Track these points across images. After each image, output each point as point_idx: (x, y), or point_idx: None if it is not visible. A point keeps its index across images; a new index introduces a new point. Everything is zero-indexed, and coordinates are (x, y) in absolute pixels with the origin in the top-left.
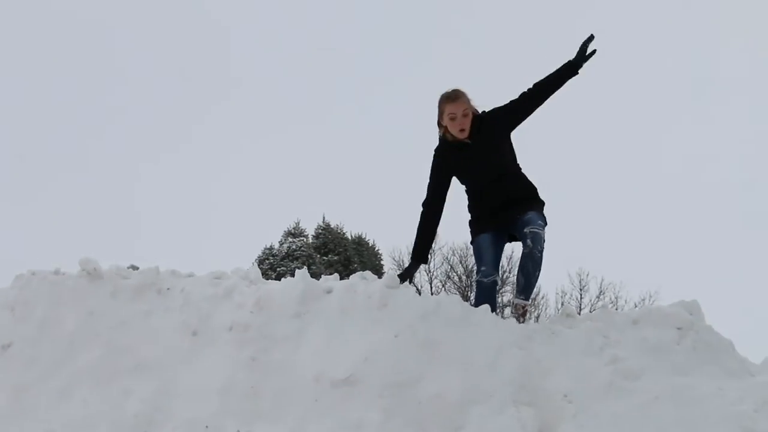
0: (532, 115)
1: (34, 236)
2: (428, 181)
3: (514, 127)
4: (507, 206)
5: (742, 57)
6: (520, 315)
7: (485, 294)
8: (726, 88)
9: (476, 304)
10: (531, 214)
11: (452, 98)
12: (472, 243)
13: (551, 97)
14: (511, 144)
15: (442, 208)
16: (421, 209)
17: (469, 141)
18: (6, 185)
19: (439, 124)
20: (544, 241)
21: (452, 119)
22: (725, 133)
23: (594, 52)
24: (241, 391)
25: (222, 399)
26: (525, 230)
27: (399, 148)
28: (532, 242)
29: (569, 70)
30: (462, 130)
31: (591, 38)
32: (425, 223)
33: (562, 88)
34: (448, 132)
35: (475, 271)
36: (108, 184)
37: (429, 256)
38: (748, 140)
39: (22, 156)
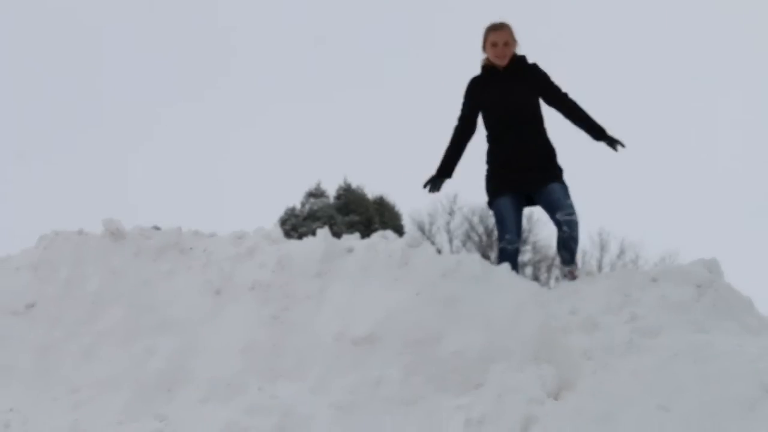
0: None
1: (58, 198)
2: (460, 109)
3: (539, 97)
4: (526, 165)
5: None
6: (573, 278)
7: (509, 260)
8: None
9: None
10: (556, 191)
11: (497, 27)
12: (490, 205)
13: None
14: (539, 105)
15: (473, 130)
16: (455, 125)
17: (503, 69)
18: (28, 146)
19: (483, 51)
20: (577, 221)
21: (494, 46)
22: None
23: (620, 145)
24: (262, 350)
25: (244, 357)
26: (558, 216)
27: (422, 108)
28: (569, 229)
29: (594, 133)
30: (502, 57)
31: (619, 145)
32: (455, 139)
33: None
34: (488, 60)
35: (496, 234)
36: (130, 145)
37: (453, 172)
38: None
39: (44, 117)
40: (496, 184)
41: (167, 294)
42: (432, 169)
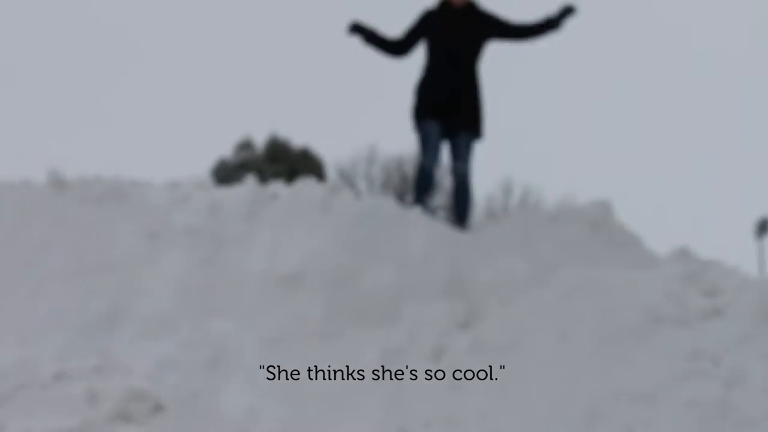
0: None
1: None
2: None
3: (487, 40)
4: (456, 104)
5: None
6: None
7: (426, 179)
8: None
9: (416, 188)
10: (465, 141)
11: None
12: (416, 127)
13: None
14: (481, 55)
15: (405, 51)
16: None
17: (457, 9)
18: None
19: None
20: (469, 173)
21: None
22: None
23: (572, 11)
24: (195, 289)
25: (178, 297)
26: (455, 164)
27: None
28: (457, 177)
29: (550, 27)
30: None
31: (569, 14)
32: (387, 38)
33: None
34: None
35: (418, 156)
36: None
37: (362, 32)
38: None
39: None
40: (426, 108)
41: (107, 239)
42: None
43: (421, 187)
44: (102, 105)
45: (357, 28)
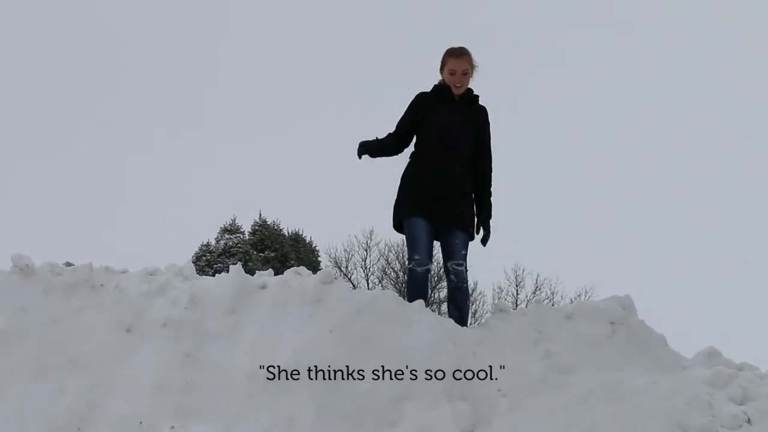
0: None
1: None
2: (402, 116)
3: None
4: (446, 198)
5: None
6: None
7: (418, 283)
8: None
9: (409, 292)
10: (459, 239)
11: (456, 54)
12: (399, 226)
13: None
14: (473, 147)
15: (407, 144)
16: (390, 134)
17: (457, 99)
18: None
19: (440, 73)
20: (466, 272)
21: (451, 74)
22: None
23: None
24: (175, 388)
25: (156, 395)
26: (449, 264)
27: (336, 146)
28: (456, 278)
29: (482, 216)
30: (458, 87)
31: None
32: (388, 143)
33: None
34: (444, 83)
35: (407, 259)
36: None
37: (369, 151)
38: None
39: None
40: (412, 205)
41: (77, 331)
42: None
43: (415, 292)
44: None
45: (364, 150)
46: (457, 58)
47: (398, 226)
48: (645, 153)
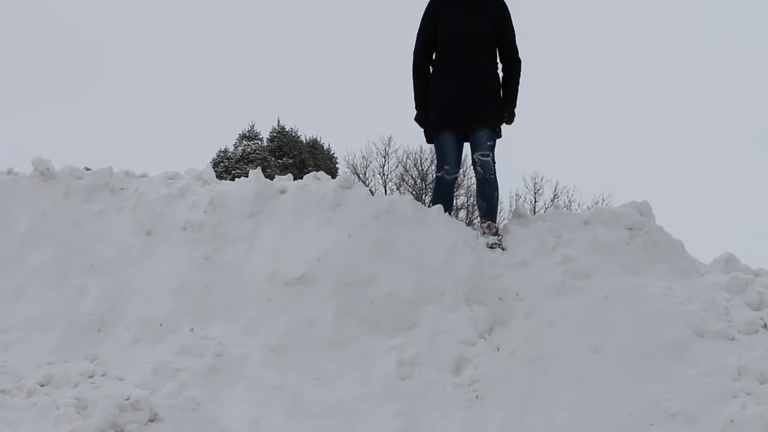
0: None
1: None
2: (418, 29)
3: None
4: (471, 101)
5: None
6: (493, 234)
7: (445, 190)
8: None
9: (434, 199)
10: (484, 133)
11: None
12: (431, 139)
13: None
14: (495, 40)
15: (431, 60)
16: (412, 59)
17: None
18: None
19: None
20: (494, 164)
21: None
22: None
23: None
24: (194, 290)
25: (176, 298)
26: (474, 156)
27: (355, 51)
28: (482, 169)
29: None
30: None
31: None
32: (419, 75)
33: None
34: None
35: (435, 168)
36: (60, 83)
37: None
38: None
39: None
40: (439, 122)
41: (98, 234)
42: (410, 108)
43: (440, 200)
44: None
45: (425, 124)
46: None
47: (430, 140)
48: (666, 60)
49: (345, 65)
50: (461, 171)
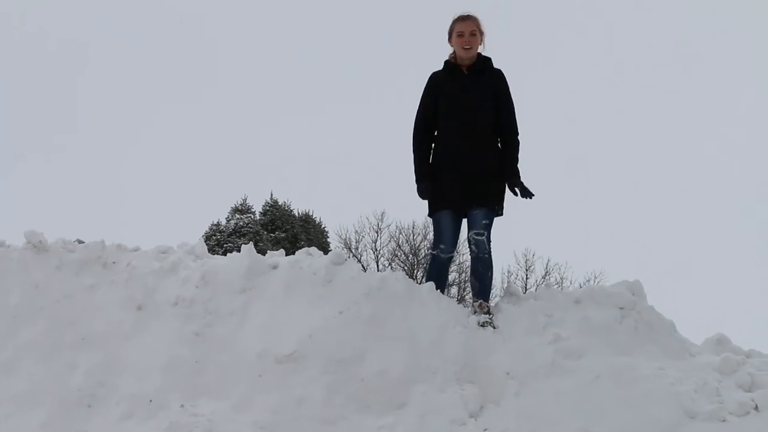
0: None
1: None
2: (419, 105)
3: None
4: (471, 179)
5: None
6: (485, 313)
7: (440, 268)
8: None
9: (428, 277)
10: (482, 213)
11: (463, 18)
12: (430, 214)
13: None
14: (494, 115)
15: (432, 135)
16: (413, 139)
17: (466, 70)
18: None
19: (449, 42)
20: (488, 243)
21: (460, 36)
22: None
23: (524, 195)
24: (185, 366)
25: (166, 374)
26: (470, 234)
27: (349, 128)
28: (477, 248)
29: (509, 177)
30: (467, 48)
31: (527, 195)
32: (419, 149)
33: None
34: (454, 56)
35: (431, 245)
36: (55, 158)
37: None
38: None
39: None
40: (438, 198)
41: (89, 309)
42: (410, 182)
43: (435, 278)
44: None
45: (423, 187)
46: (464, 21)
47: (430, 215)
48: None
49: (339, 139)
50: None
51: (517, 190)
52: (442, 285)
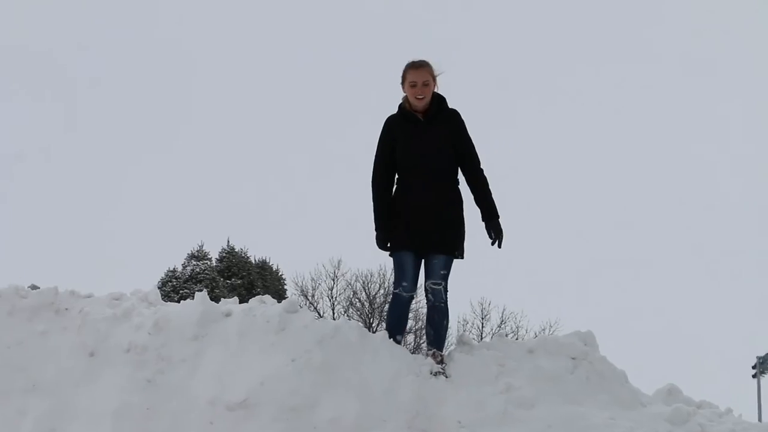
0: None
1: None
2: (376, 150)
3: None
4: (431, 224)
5: None
6: (438, 362)
7: (401, 307)
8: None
9: (390, 315)
10: (441, 261)
11: (416, 66)
12: (390, 253)
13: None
14: (453, 158)
15: (392, 181)
16: (372, 187)
17: (422, 119)
18: None
19: (402, 88)
20: (445, 293)
21: (412, 86)
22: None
23: (495, 240)
24: (136, 413)
25: (117, 420)
26: (426, 284)
27: (304, 175)
28: (433, 297)
29: (488, 217)
30: (420, 99)
31: (497, 242)
32: (379, 198)
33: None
34: (407, 101)
35: (393, 283)
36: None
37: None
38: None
39: None
40: (400, 239)
41: (41, 355)
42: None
43: (395, 317)
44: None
45: (382, 238)
46: (417, 70)
47: (390, 253)
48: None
49: (295, 186)
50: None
51: (493, 233)
52: (402, 325)
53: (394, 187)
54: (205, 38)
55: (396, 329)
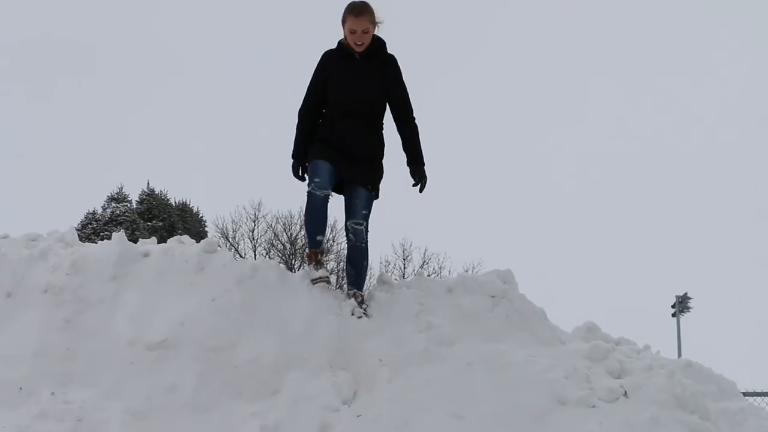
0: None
1: None
2: (309, 82)
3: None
4: (352, 158)
5: None
6: (359, 302)
7: (317, 206)
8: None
9: (307, 217)
10: (360, 197)
11: (356, 12)
12: (308, 162)
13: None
14: (382, 102)
15: (319, 114)
16: (298, 115)
17: (358, 56)
18: None
19: (342, 27)
20: (366, 232)
21: (351, 32)
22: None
23: (418, 185)
24: (55, 354)
25: (36, 361)
26: (348, 223)
27: (226, 116)
28: (354, 237)
29: (413, 164)
30: (359, 45)
31: (420, 186)
32: (302, 128)
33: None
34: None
35: (307, 188)
36: None
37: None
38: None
39: None
40: (319, 151)
41: None
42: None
43: (311, 218)
44: None
45: (297, 163)
46: (357, 18)
47: (299, 174)
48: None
49: (215, 128)
50: (330, 236)
51: (416, 178)
52: (321, 226)
53: (321, 122)
54: None
55: (315, 230)
